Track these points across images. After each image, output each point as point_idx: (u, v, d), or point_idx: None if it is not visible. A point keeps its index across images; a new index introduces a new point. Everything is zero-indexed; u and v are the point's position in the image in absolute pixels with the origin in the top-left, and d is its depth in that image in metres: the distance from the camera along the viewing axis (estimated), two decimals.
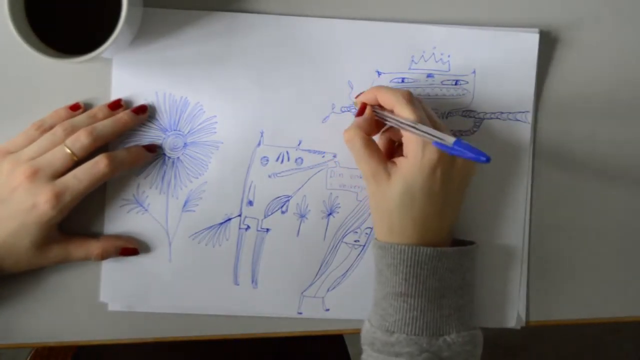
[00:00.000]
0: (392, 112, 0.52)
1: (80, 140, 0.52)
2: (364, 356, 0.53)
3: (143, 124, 0.56)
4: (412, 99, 0.51)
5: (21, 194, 0.51)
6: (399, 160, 0.51)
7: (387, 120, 0.52)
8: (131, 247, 0.56)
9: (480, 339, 0.53)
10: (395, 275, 0.51)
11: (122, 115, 0.55)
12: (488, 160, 0.43)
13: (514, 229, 0.58)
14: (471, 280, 0.54)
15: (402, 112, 0.50)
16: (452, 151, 0.46)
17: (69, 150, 0.52)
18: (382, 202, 0.52)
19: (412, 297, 0.50)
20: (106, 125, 0.54)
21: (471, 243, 0.54)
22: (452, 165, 0.51)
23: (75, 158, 0.52)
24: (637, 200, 0.60)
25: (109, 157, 0.53)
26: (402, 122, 0.50)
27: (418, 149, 0.50)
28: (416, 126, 0.49)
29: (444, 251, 0.51)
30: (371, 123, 0.53)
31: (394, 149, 0.56)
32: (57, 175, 0.52)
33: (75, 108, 0.56)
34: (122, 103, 0.56)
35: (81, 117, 0.55)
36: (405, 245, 0.50)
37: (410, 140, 0.50)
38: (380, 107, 0.53)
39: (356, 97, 0.56)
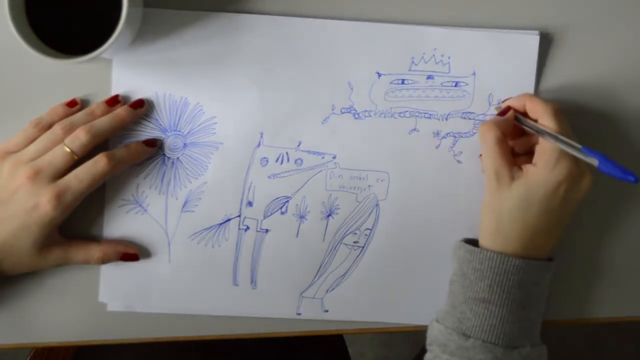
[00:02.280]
0: (535, 121, 0.52)
1: (80, 138, 0.52)
2: (429, 356, 0.53)
3: (142, 121, 0.56)
4: (560, 113, 0.51)
5: (23, 195, 0.51)
6: (526, 167, 0.51)
7: (528, 127, 0.52)
8: (132, 253, 0.56)
9: (546, 355, 0.53)
10: (481, 281, 0.51)
11: (120, 111, 0.55)
12: (636, 180, 0.43)
13: None
14: (547, 296, 0.54)
15: (549, 123, 0.50)
16: (599, 168, 0.46)
17: (68, 150, 0.52)
18: (497, 202, 0.52)
19: (494, 305, 0.50)
20: (104, 122, 0.54)
21: (551, 259, 0.54)
22: (578, 185, 0.51)
23: (76, 157, 0.52)
24: (636, 200, 0.59)
25: (108, 156, 0.53)
26: (545, 131, 0.50)
27: (550, 161, 0.50)
28: (559, 137, 0.49)
29: (532, 264, 0.51)
30: (509, 125, 0.54)
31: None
32: (58, 175, 0.52)
33: (72, 104, 0.56)
34: (120, 99, 0.56)
35: (79, 115, 0.55)
36: (495, 253, 0.50)
37: (545, 151, 0.50)
38: (524, 116, 0.53)
39: (503, 100, 0.56)
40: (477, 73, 0.57)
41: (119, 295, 0.57)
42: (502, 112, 0.54)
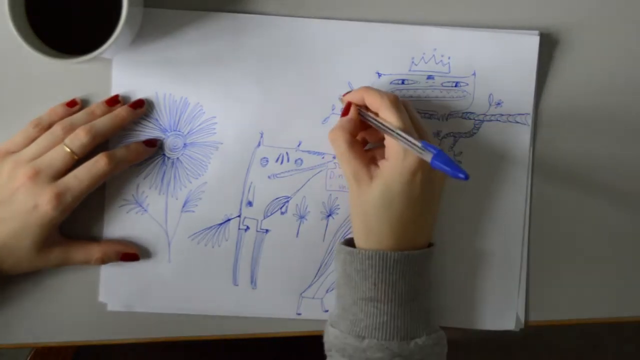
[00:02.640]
0: (376, 114, 0.52)
1: (80, 138, 0.52)
2: None
3: (142, 121, 0.56)
4: (397, 104, 0.51)
5: (23, 195, 0.51)
6: (381, 163, 0.51)
7: (370, 122, 0.52)
8: (131, 253, 0.56)
9: (445, 339, 0.53)
10: (365, 281, 0.51)
11: (120, 111, 0.55)
12: (466, 177, 0.43)
13: (513, 230, 0.58)
14: (430, 283, 0.54)
15: (387, 116, 0.50)
16: (432, 164, 0.46)
17: (68, 150, 0.52)
18: (361, 204, 0.51)
19: (382, 302, 0.50)
20: (104, 122, 0.54)
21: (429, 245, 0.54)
22: (433, 170, 0.50)
23: (76, 157, 0.52)
24: (636, 200, 0.59)
25: (108, 156, 0.53)
26: (385, 127, 0.50)
27: (399, 153, 0.49)
28: (399, 133, 0.49)
29: (411, 255, 0.51)
30: (356, 124, 0.53)
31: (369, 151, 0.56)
32: (58, 175, 0.52)
33: (72, 104, 0.56)
34: (120, 99, 0.56)
35: (79, 115, 0.55)
36: (373, 251, 0.50)
37: (393, 144, 0.50)
38: (366, 108, 0.53)
39: (344, 95, 0.55)
40: (477, 73, 0.57)
41: (119, 295, 0.57)
42: (345, 110, 0.54)
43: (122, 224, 0.57)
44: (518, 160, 0.58)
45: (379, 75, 0.57)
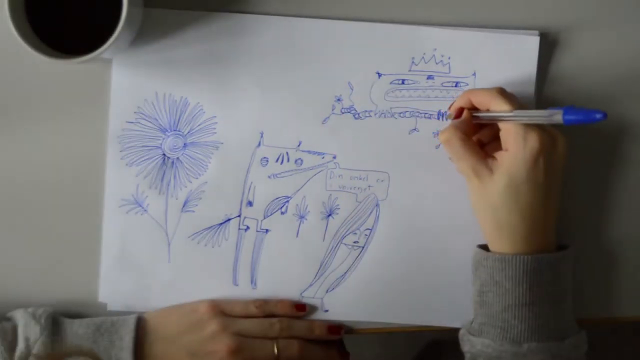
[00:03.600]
0: (487, 111, 0.52)
1: (292, 350, 0.55)
2: None
3: (142, 121, 0.56)
4: (505, 92, 0.51)
5: None
6: (499, 154, 0.51)
7: (486, 119, 0.52)
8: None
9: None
10: (519, 287, 0.50)
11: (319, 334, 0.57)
12: (605, 116, 0.43)
13: None
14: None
15: (499, 105, 0.50)
16: (565, 120, 0.46)
17: (276, 352, 0.54)
18: (486, 199, 0.51)
19: (537, 305, 0.50)
20: (317, 350, 0.57)
21: (564, 246, 0.54)
22: (554, 151, 0.51)
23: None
24: (637, 200, 0.59)
25: None
26: (500, 115, 0.50)
27: (519, 140, 0.49)
28: (518, 113, 0.49)
29: (564, 256, 0.51)
30: (468, 125, 0.53)
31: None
32: None
33: (301, 309, 0.57)
34: (342, 332, 0.58)
35: (302, 325, 0.57)
36: (526, 256, 0.50)
37: (510, 133, 0.50)
38: (475, 110, 0.54)
39: (449, 107, 0.56)
40: (478, 73, 0.57)
41: (119, 295, 0.57)
42: (457, 115, 0.54)
43: (121, 224, 0.57)
44: None
45: (379, 75, 0.57)
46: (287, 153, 0.57)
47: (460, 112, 0.54)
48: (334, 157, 0.57)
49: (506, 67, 0.57)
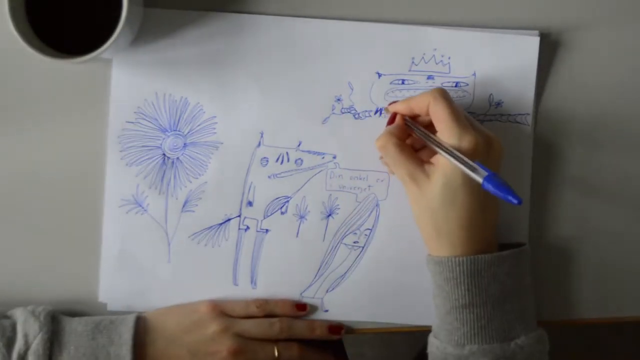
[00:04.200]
0: (426, 115, 0.52)
1: (291, 353, 0.55)
2: None
3: (142, 122, 0.56)
4: (446, 94, 0.51)
5: None
6: (435, 158, 0.51)
7: (418, 135, 0.52)
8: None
9: (547, 337, 0.53)
10: (457, 288, 0.50)
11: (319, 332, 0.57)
12: (519, 202, 0.43)
13: (515, 230, 0.58)
14: (529, 282, 0.54)
15: (437, 106, 0.50)
16: (483, 186, 0.45)
17: (277, 355, 0.55)
18: (424, 203, 0.51)
19: (476, 306, 0.50)
20: (314, 355, 0.57)
21: (519, 245, 0.54)
22: (490, 153, 0.51)
23: None
24: (637, 199, 0.59)
25: None
26: (432, 140, 0.50)
27: (454, 143, 0.49)
28: (448, 149, 0.49)
29: (501, 256, 0.51)
30: (402, 130, 0.53)
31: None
32: None
33: (301, 308, 0.57)
34: (343, 332, 0.58)
35: (302, 326, 0.57)
36: (462, 257, 0.50)
37: (444, 136, 0.50)
38: (411, 118, 0.54)
39: (389, 104, 0.56)
40: (478, 73, 0.57)
41: (119, 295, 0.57)
42: (391, 119, 0.55)
43: (121, 223, 0.57)
44: (519, 160, 0.58)
45: (379, 75, 0.57)
46: (287, 153, 0.57)
47: (394, 117, 0.54)
48: (334, 157, 0.57)
49: (506, 67, 0.57)
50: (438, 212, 0.50)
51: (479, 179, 0.46)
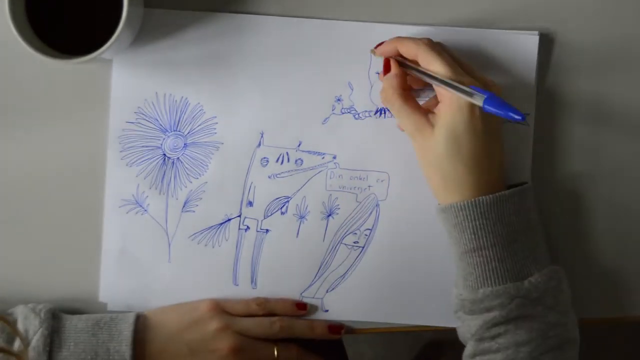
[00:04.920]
0: (416, 62, 0.52)
1: (290, 353, 0.56)
2: (458, 323, 0.53)
3: (143, 122, 0.56)
4: (435, 47, 0.51)
5: None
6: (437, 108, 0.52)
7: (414, 74, 0.52)
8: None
9: (562, 273, 0.53)
10: (464, 233, 0.51)
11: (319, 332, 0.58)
12: (523, 118, 0.44)
13: None
14: (537, 220, 0.53)
15: (428, 63, 0.50)
16: (484, 107, 0.46)
17: (276, 354, 0.55)
18: (430, 153, 0.51)
19: (485, 249, 0.50)
20: (314, 357, 0.57)
21: (522, 184, 0.53)
22: None
23: None
24: (637, 198, 0.59)
25: None
26: (429, 76, 0.50)
27: (453, 93, 0.49)
28: (444, 81, 0.49)
29: (503, 195, 0.50)
30: (403, 77, 0.54)
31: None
32: None
33: (302, 307, 0.57)
34: (343, 332, 0.58)
35: (302, 325, 0.57)
36: (463, 201, 0.50)
37: (440, 91, 0.50)
38: (402, 57, 0.53)
39: (375, 47, 0.55)
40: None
41: (119, 295, 0.57)
42: (385, 66, 0.54)
43: (122, 224, 0.57)
44: (519, 159, 0.58)
45: (379, 75, 0.57)
46: (287, 153, 0.57)
47: (387, 64, 0.54)
48: (334, 157, 0.57)
49: (506, 66, 0.57)
50: (444, 161, 0.51)
51: (479, 103, 0.46)
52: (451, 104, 0.50)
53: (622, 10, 0.58)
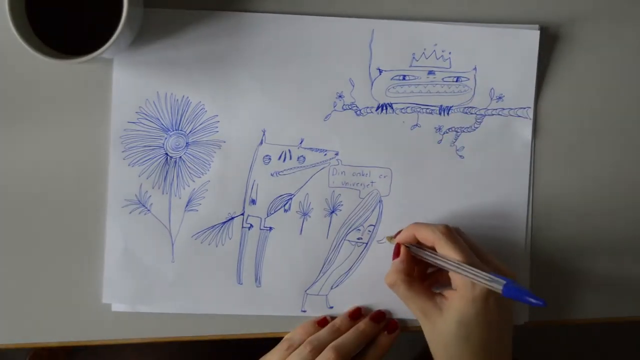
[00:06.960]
0: (433, 249, 0.52)
1: (328, 359, 0.53)
2: None
3: (144, 122, 0.56)
4: (452, 234, 0.51)
5: None
6: (448, 293, 0.51)
7: (428, 261, 0.52)
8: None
9: None
10: None
11: (365, 328, 0.56)
12: (544, 304, 0.42)
13: (514, 225, 0.58)
14: None
15: (445, 251, 0.50)
16: (504, 294, 0.45)
17: None
18: (438, 337, 0.51)
19: None
20: (350, 340, 0.54)
21: None
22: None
23: None
24: (638, 198, 0.60)
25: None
26: (446, 263, 0.50)
27: (467, 281, 0.49)
28: (462, 267, 0.48)
29: None
30: (409, 263, 0.53)
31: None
32: None
33: (322, 323, 0.57)
34: (363, 312, 0.57)
35: (325, 332, 0.55)
36: None
37: (456, 280, 0.50)
38: (418, 243, 0.53)
39: (394, 236, 0.56)
40: (478, 68, 0.57)
41: (122, 296, 0.57)
42: (396, 251, 0.54)
43: (125, 223, 0.57)
44: (520, 153, 0.58)
45: (380, 71, 0.57)
46: (289, 150, 0.57)
47: (398, 249, 0.54)
48: (337, 154, 0.57)
49: (506, 61, 0.57)
50: (452, 348, 0.50)
51: (499, 289, 0.45)
52: (465, 294, 0.49)
53: (622, 3, 0.58)
